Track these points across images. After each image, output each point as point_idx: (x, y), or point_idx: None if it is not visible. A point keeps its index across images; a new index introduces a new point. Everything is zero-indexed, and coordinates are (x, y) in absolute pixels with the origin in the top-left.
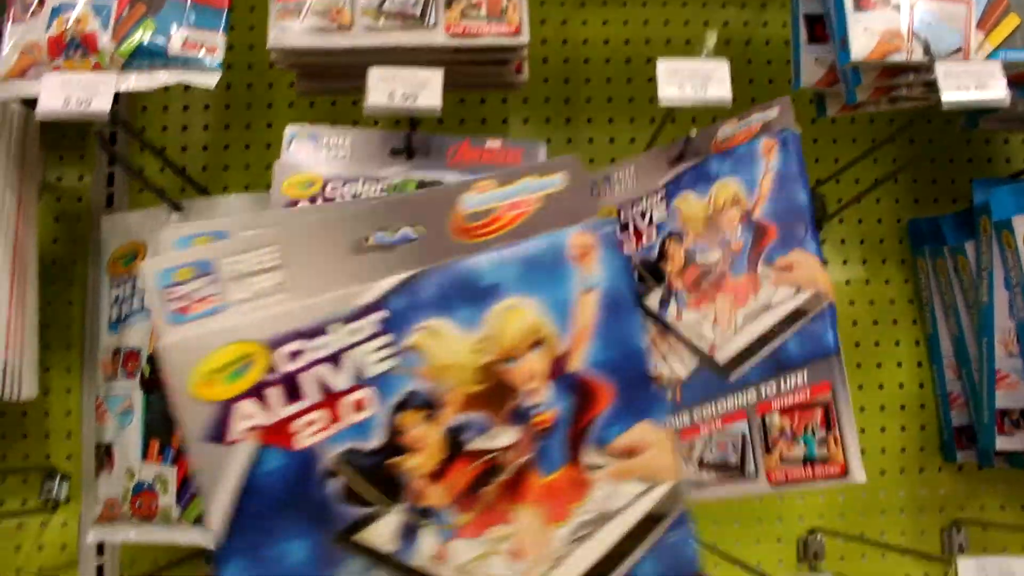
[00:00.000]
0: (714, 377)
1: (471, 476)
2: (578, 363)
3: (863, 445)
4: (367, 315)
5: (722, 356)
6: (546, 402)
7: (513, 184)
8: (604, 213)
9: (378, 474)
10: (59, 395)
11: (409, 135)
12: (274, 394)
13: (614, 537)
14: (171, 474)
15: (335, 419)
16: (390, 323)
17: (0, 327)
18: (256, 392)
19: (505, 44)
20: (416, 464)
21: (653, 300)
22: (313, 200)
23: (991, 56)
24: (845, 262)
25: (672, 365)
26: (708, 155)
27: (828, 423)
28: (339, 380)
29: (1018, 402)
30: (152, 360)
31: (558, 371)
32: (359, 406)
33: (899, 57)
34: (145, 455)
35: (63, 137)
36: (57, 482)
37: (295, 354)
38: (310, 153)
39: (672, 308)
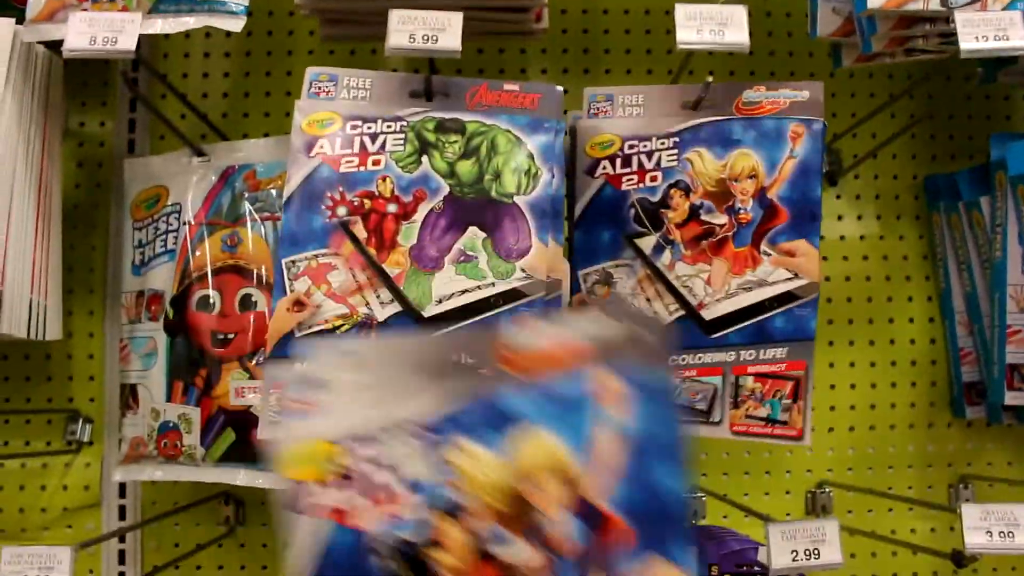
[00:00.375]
0: (697, 331)
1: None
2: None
3: (874, 400)
4: (422, 432)
5: (709, 314)
6: (564, 527)
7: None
8: (606, 141)
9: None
10: (82, 338)
11: (428, 77)
12: (343, 484)
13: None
14: (195, 414)
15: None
16: (436, 441)
17: (26, 268)
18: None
19: None
20: (444, 559)
21: (647, 242)
22: (330, 138)
23: (1008, 8)
24: (860, 217)
25: (656, 309)
26: (731, 116)
27: (796, 395)
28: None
29: None
30: (175, 303)
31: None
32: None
33: (916, 6)
34: (169, 396)
35: (85, 84)
36: (80, 424)
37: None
38: (331, 94)
39: (666, 256)
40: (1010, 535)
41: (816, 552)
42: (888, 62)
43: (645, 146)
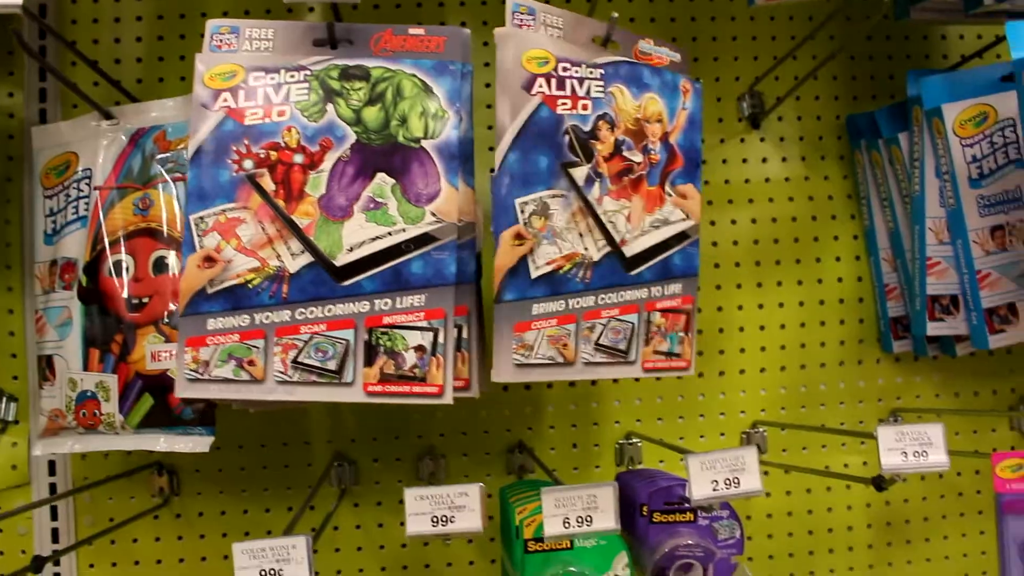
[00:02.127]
0: (619, 268)
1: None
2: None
3: (804, 339)
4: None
5: (629, 251)
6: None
7: None
8: (541, 57)
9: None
10: (2, 316)
11: (331, 24)
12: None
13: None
14: (112, 382)
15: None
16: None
17: None
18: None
19: None
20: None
21: (580, 173)
22: (233, 91)
23: None
24: (784, 159)
25: (587, 244)
26: (639, 62)
27: (687, 328)
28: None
29: (948, 288)
30: (88, 270)
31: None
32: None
33: None
34: (86, 364)
35: None
36: (4, 403)
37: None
38: (233, 46)
39: (596, 189)
40: (924, 454)
41: (736, 481)
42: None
43: (576, 71)
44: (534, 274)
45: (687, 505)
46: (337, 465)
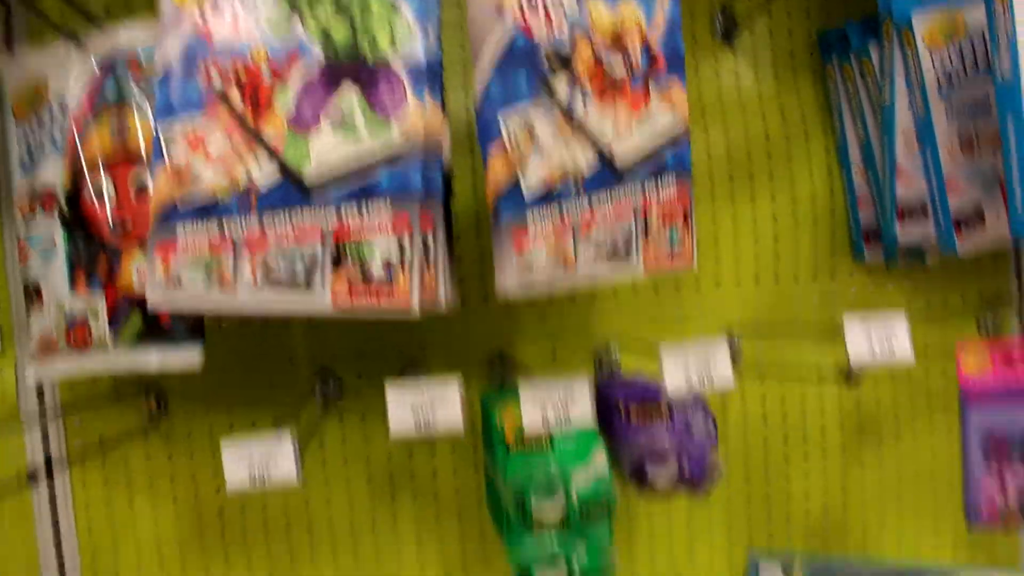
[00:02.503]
0: (611, 174)
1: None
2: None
3: (779, 252)
4: None
5: (619, 157)
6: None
7: None
8: None
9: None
10: None
11: None
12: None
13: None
14: (100, 303)
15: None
16: None
17: None
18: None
19: None
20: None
21: (562, 88)
22: (200, 8)
23: None
24: (757, 75)
25: (575, 156)
26: None
27: (686, 222)
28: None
29: (917, 195)
30: (69, 198)
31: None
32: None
33: None
34: (73, 286)
35: None
36: None
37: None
38: None
39: (579, 102)
40: (890, 350)
41: (708, 374)
42: None
43: None
44: (526, 190)
45: (662, 401)
46: (321, 382)
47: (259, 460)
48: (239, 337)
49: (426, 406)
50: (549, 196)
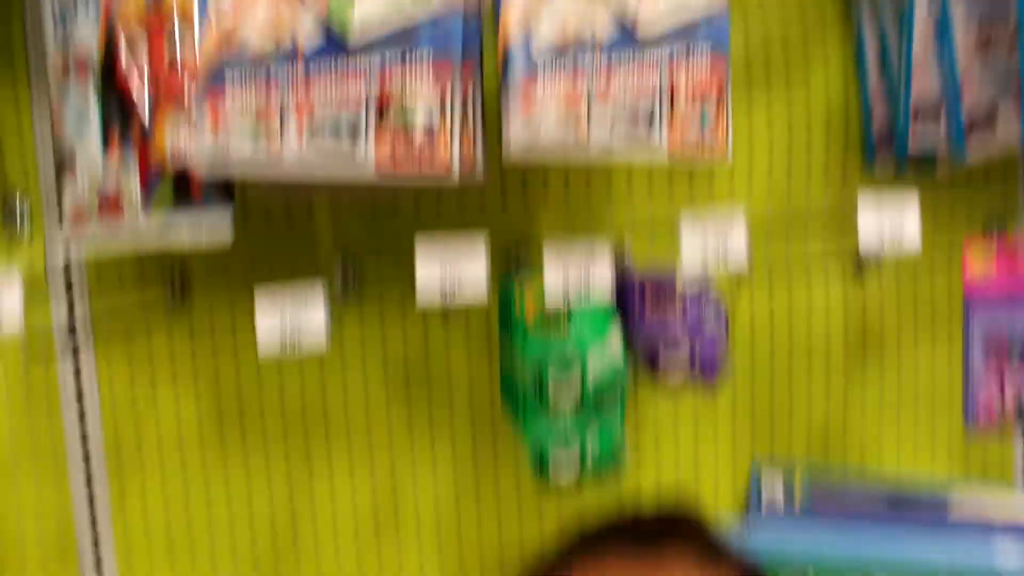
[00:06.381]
0: (634, 38)
1: None
2: None
3: (791, 160)
4: None
5: (644, 23)
6: None
7: None
8: None
9: None
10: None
11: None
12: None
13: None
14: (133, 170)
15: None
16: None
17: None
18: None
19: None
20: None
21: None
22: None
23: None
24: None
25: (595, 13)
26: None
27: (719, 102)
28: None
29: (932, 98)
30: (103, 64)
31: None
32: None
33: None
34: (106, 153)
35: None
36: (18, 200)
37: None
38: None
39: None
40: (899, 238)
41: (724, 252)
42: None
43: None
44: (538, 43)
45: (677, 290)
46: (342, 265)
47: (291, 315)
48: (264, 220)
49: (453, 263)
50: (563, 54)
